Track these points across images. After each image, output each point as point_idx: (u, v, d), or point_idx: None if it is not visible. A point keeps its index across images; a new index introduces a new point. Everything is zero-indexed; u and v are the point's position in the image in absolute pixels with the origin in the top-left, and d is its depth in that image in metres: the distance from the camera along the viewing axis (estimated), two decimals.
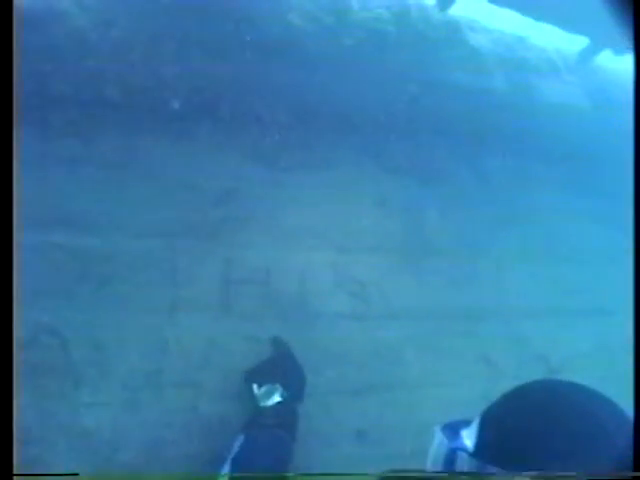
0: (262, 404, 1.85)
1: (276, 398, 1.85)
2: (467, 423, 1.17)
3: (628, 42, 0.98)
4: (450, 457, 1.12)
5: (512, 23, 2.94)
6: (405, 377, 2.22)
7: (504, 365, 2.41)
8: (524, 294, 2.53)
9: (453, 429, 1.19)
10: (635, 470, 0.88)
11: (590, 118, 2.97)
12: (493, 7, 2.60)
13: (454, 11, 2.74)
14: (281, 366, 1.96)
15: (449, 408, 2.21)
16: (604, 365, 2.58)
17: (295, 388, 1.93)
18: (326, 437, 2.04)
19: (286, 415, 1.85)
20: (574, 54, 3.14)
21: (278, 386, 1.87)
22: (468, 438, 1.12)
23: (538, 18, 2.65)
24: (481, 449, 1.08)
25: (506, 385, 2.11)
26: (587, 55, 3.09)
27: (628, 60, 3.07)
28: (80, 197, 1.93)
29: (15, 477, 1.07)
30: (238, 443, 1.73)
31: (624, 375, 1.10)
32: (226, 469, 1.64)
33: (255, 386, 1.90)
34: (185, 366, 1.96)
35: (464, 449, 1.10)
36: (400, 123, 2.43)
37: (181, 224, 2.03)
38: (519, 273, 2.54)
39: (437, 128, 2.51)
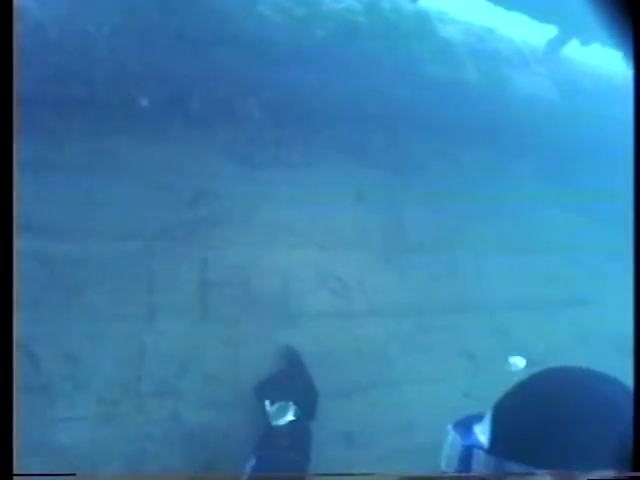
0: (274, 422, 1.74)
1: (289, 417, 1.75)
2: (479, 418, 1.12)
3: (628, 43, 0.96)
4: (465, 455, 1.08)
5: (480, 14, 2.88)
6: (390, 375, 2.14)
7: (486, 359, 2.35)
8: (504, 286, 2.48)
9: (465, 426, 1.14)
10: (635, 470, 0.86)
11: (559, 108, 2.93)
12: None
13: (424, 2, 2.67)
14: (293, 380, 1.86)
15: (435, 405, 2.16)
16: (585, 356, 2.53)
17: (308, 405, 1.83)
18: (314, 441, 1.94)
19: (300, 435, 1.75)
20: (542, 45, 3.10)
21: (291, 403, 1.76)
22: (482, 434, 1.07)
23: (509, 8, 2.59)
24: (497, 444, 1.03)
25: (488, 380, 2.07)
26: (555, 46, 3.04)
27: (595, 50, 3.05)
28: (47, 202, 1.80)
29: (15, 477, 1.05)
30: (250, 464, 1.64)
31: (606, 366, 1.05)
32: None
33: (267, 402, 1.79)
34: (164, 374, 1.85)
35: (479, 446, 1.05)
36: (374, 116, 2.34)
37: (155, 226, 1.91)
38: (498, 265, 2.49)
39: (412, 121, 2.43)
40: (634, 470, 0.86)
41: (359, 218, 2.23)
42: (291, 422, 1.74)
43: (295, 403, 1.77)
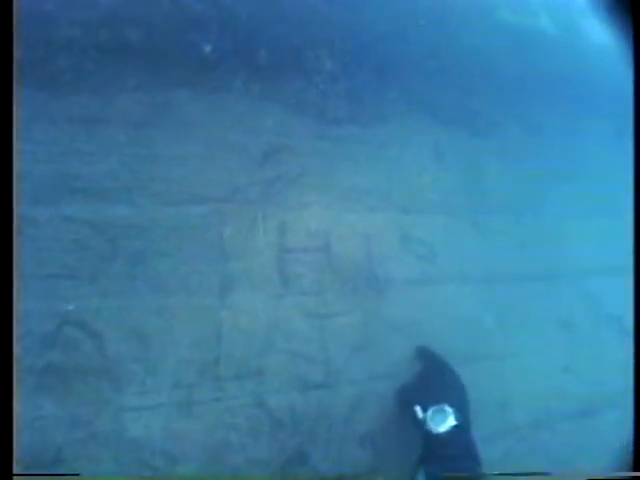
0: (434, 430, 1.42)
1: (450, 422, 1.43)
2: None
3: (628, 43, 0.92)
4: None
5: None
6: (487, 347, 1.79)
7: (582, 329, 2.00)
8: (592, 251, 2.12)
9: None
10: (635, 470, 0.94)
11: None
12: None
13: None
14: (442, 381, 1.55)
15: (535, 381, 1.81)
16: None
17: (464, 406, 1.51)
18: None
19: (467, 441, 1.45)
20: None
21: (447, 407, 1.45)
22: None
23: None
24: None
25: (587, 352, 1.71)
26: None
27: None
28: (101, 161, 1.46)
29: (15, 477, 0.99)
30: None
31: None
32: None
33: (418, 409, 1.48)
34: (244, 354, 1.50)
35: None
36: (448, 68, 2.00)
37: (225, 187, 1.57)
38: (584, 229, 2.14)
39: (487, 73, 2.08)
40: (634, 470, 0.92)
41: (439, 179, 1.88)
42: (454, 427, 1.42)
43: (451, 406, 1.45)
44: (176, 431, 1.40)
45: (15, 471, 1.13)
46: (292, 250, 1.60)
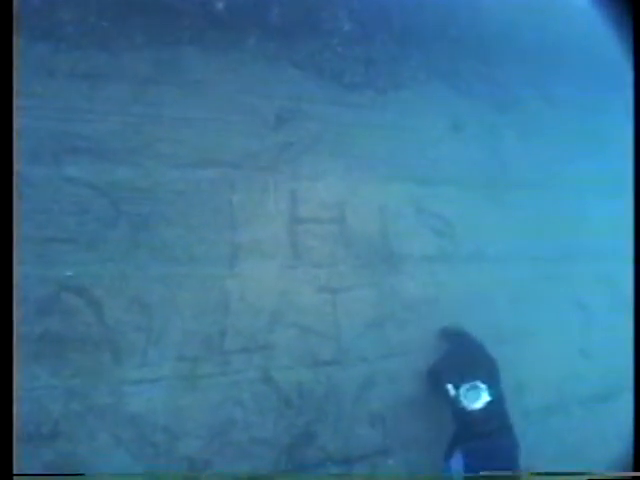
0: (469, 407, 1.38)
1: (484, 398, 1.39)
2: None
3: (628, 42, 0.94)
4: None
5: None
6: (500, 327, 1.69)
7: (597, 310, 1.90)
8: (610, 232, 2.02)
9: None
10: (635, 470, 0.97)
11: None
12: None
13: None
14: (473, 358, 1.49)
15: (549, 363, 1.72)
16: None
17: (496, 381, 1.45)
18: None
19: (502, 416, 1.40)
20: None
21: (479, 383, 1.40)
22: None
23: None
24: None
25: (603, 335, 1.61)
26: None
27: None
28: (104, 121, 1.35)
29: (15, 477, 0.95)
30: (458, 462, 1.32)
31: None
32: None
33: (450, 387, 1.42)
34: (251, 327, 1.40)
35: None
36: (468, 39, 1.88)
37: (234, 152, 1.46)
38: (603, 209, 2.03)
39: (506, 46, 1.96)
40: (634, 470, 0.94)
41: (458, 151, 1.77)
42: (490, 403, 1.38)
43: (484, 382, 1.41)
44: (178, 406, 1.31)
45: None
46: (304, 220, 1.50)
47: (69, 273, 1.26)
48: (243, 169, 1.45)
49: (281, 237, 1.46)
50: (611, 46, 2.16)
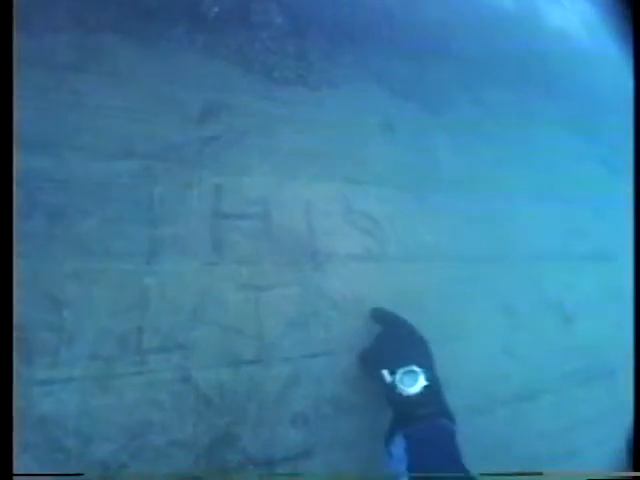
0: (406, 392, 1.33)
1: (421, 382, 1.35)
2: None
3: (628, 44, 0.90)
4: None
5: None
6: (428, 330, 1.66)
7: (523, 314, 1.91)
8: (537, 235, 2.04)
9: None
10: (635, 470, 0.98)
11: (589, 51, 2.50)
12: None
13: None
14: (405, 342, 1.45)
15: (474, 364, 1.71)
16: (614, 311, 2.13)
17: (431, 364, 1.42)
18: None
19: (439, 398, 1.37)
20: None
21: (415, 367, 1.36)
22: None
23: None
24: None
25: (526, 337, 1.62)
26: None
27: None
28: (20, 107, 1.27)
29: (15, 477, 0.96)
30: (398, 447, 1.27)
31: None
32: None
33: (385, 373, 1.38)
34: (170, 325, 1.34)
35: None
36: (401, 38, 1.87)
37: (157, 144, 1.40)
38: (530, 213, 2.04)
39: (440, 46, 1.96)
40: (634, 470, 0.95)
41: (389, 151, 1.75)
42: (426, 387, 1.34)
43: (420, 366, 1.37)
44: (92, 408, 1.24)
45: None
46: (228, 216, 1.45)
47: None
48: (166, 162, 1.39)
49: (203, 233, 1.40)
50: (551, 57, 2.19)
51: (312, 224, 1.55)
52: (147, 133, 1.38)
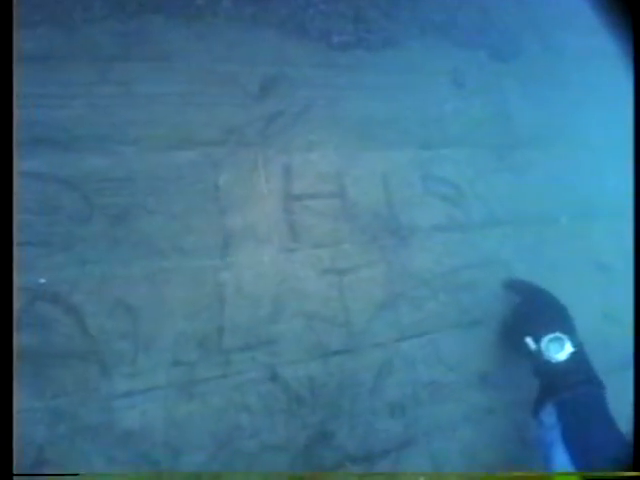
0: (553, 359, 1.27)
1: (568, 348, 1.27)
2: None
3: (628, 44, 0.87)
4: None
5: None
6: None
7: (619, 271, 1.70)
8: (627, 190, 1.81)
9: None
10: (635, 470, 0.84)
11: None
12: None
13: None
14: (547, 308, 1.37)
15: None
16: None
17: (574, 329, 1.33)
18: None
19: (587, 364, 1.28)
20: None
21: (560, 334, 1.28)
22: None
23: None
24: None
25: (627, 297, 1.40)
26: None
27: None
28: (67, 106, 1.14)
29: (15, 477, 0.86)
30: (552, 416, 1.21)
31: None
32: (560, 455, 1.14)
33: (529, 340, 1.31)
34: (251, 320, 1.20)
35: None
36: None
37: (216, 129, 1.25)
38: (618, 164, 1.81)
39: None
40: (634, 470, 0.84)
41: (460, 109, 1.56)
42: (572, 354, 1.27)
43: (564, 332, 1.29)
44: (177, 417, 1.11)
45: None
46: (301, 197, 1.30)
47: (42, 280, 1.06)
48: (227, 146, 1.24)
49: (276, 218, 1.26)
50: None
51: (390, 197, 1.38)
52: (204, 118, 1.24)
